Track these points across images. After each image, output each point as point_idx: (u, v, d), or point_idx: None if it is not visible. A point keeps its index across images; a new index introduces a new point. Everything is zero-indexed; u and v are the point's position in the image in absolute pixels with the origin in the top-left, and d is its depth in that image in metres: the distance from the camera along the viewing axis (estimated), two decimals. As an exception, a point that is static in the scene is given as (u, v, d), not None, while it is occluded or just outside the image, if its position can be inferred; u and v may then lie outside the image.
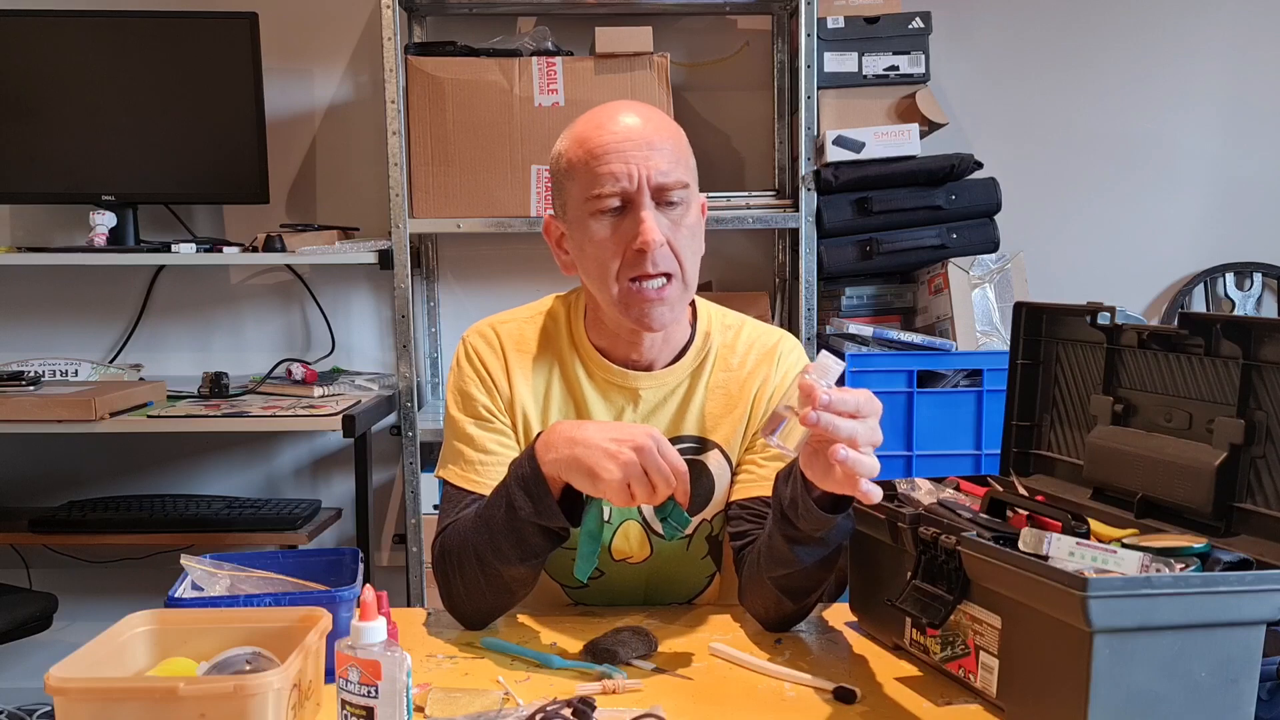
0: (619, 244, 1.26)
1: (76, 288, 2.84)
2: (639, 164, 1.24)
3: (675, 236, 1.27)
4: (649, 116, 1.29)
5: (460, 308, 2.89)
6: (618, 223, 1.26)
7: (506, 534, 1.22)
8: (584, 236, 1.29)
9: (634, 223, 1.25)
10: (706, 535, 1.40)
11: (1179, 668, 0.92)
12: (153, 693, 0.90)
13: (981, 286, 2.49)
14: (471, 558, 1.26)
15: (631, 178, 1.24)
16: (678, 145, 1.29)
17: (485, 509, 1.26)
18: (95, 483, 2.85)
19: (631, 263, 1.26)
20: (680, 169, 1.27)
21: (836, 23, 2.54)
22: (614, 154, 1.25)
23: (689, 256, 1.29)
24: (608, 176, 1.25)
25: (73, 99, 2.58)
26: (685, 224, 1.28)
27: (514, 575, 1.26)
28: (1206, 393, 1.12)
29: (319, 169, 2.85)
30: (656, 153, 1.25)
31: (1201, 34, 2.87)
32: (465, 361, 1.39)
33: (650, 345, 1.36)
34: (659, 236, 1.24)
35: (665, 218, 1.26)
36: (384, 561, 2.90)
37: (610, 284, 1.28)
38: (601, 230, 1.27)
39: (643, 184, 1.24)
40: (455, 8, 2.71)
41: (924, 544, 1.11)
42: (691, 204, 1.29)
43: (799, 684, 1.14)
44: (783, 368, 1.40)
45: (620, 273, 1.27)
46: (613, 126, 1.27)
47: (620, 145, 1.25)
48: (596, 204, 1.26)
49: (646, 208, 1.25)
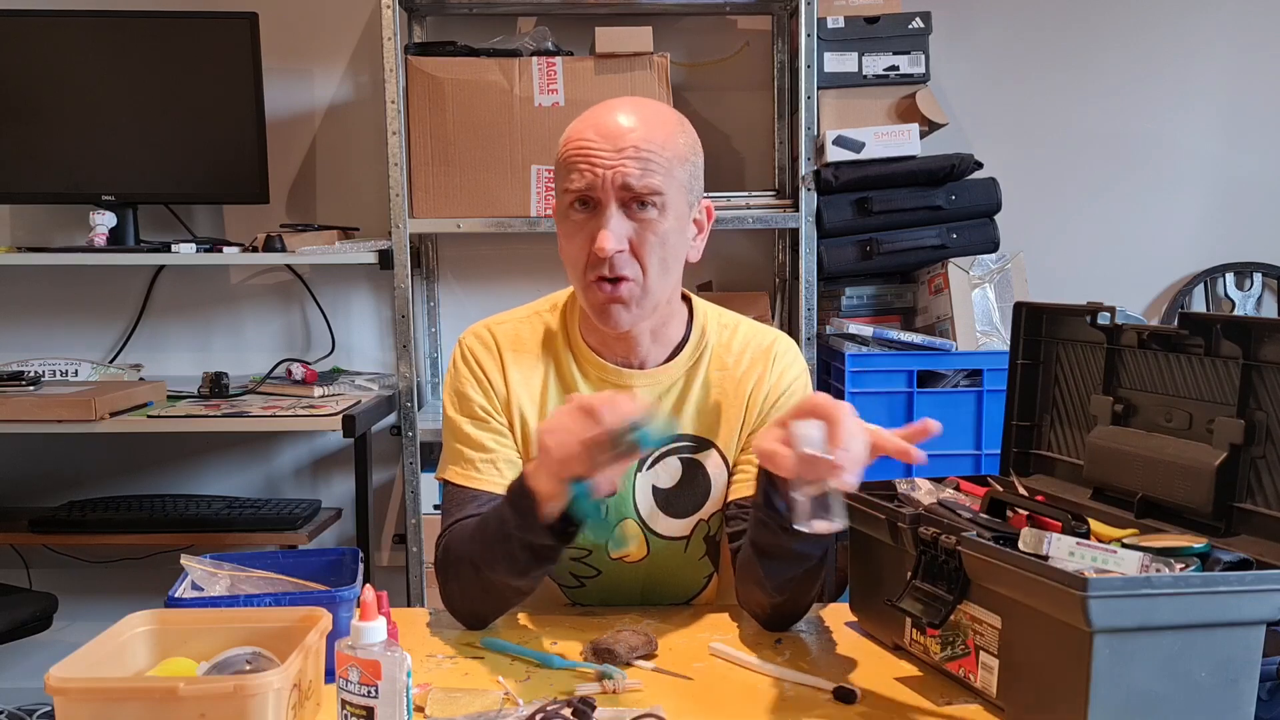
0: (584, 243, 1.27)
1: (76, 288, 2.84)
2: (605, 167, 1.24)
3: (640, 239, 1.26)
4: (642, 118, 1.27)
5: (460, 308, 2.89)
6: (585, 221, 1.27)
7: (497, 547, 1.22)
8: (560, 232, 1.31)
9: (595, 226, 1.25)
10: (704, 536, 1.40)
11: (1179, 668, 0.92)
12: (153, 693, 0.90)
13: (981, 286, 2.49)
14: (467, 564, 1.26)
15: (596, 179, 1.24)
16: (659, 152, 1.25)
17: (484, 518, 1.27)
18: (95, 483, 2.85)
19: (593, 264, 1.27)
20: (654, 176, 1.24)
21: (836, 23, 2.54)
22: (584, 155, 1.25)
23: (654, 263, 1.27)
24: (575, 176, 1.26)
25: (73, 99, 2.58)
26: (656, 230, 1.26)
27: (507, 585, 1.25)
28: (1206, 393, 1.12)
29: (319, 169, 2.85)
30: (627, 157, 1.23)
31: (1201, 34, 2.87)
32: (461, 363, 1.39)
33: (640, 344, 1.36)
34: (611, 245, 1.24)
35: (632, 221, 1.25)
36: (384, 561, 2.90)
37: (580, 281, 1.30)
38: (571, 228, 1.28)
39: (607, 187, 1.24)
40: (455, 8, 2.71)
41: (924, 544, 1.11)
42: (667, 210, 1.26)
43: (799, 684, 1.14)
44: (778, 368, 1.39)
45: (587, 271, 1.28)
46: (596, 126, 1.26)
47: (592, 146, 1.25)
48: (565, 199, 1.28)
49: (609, 212, 1.24)
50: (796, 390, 1.40)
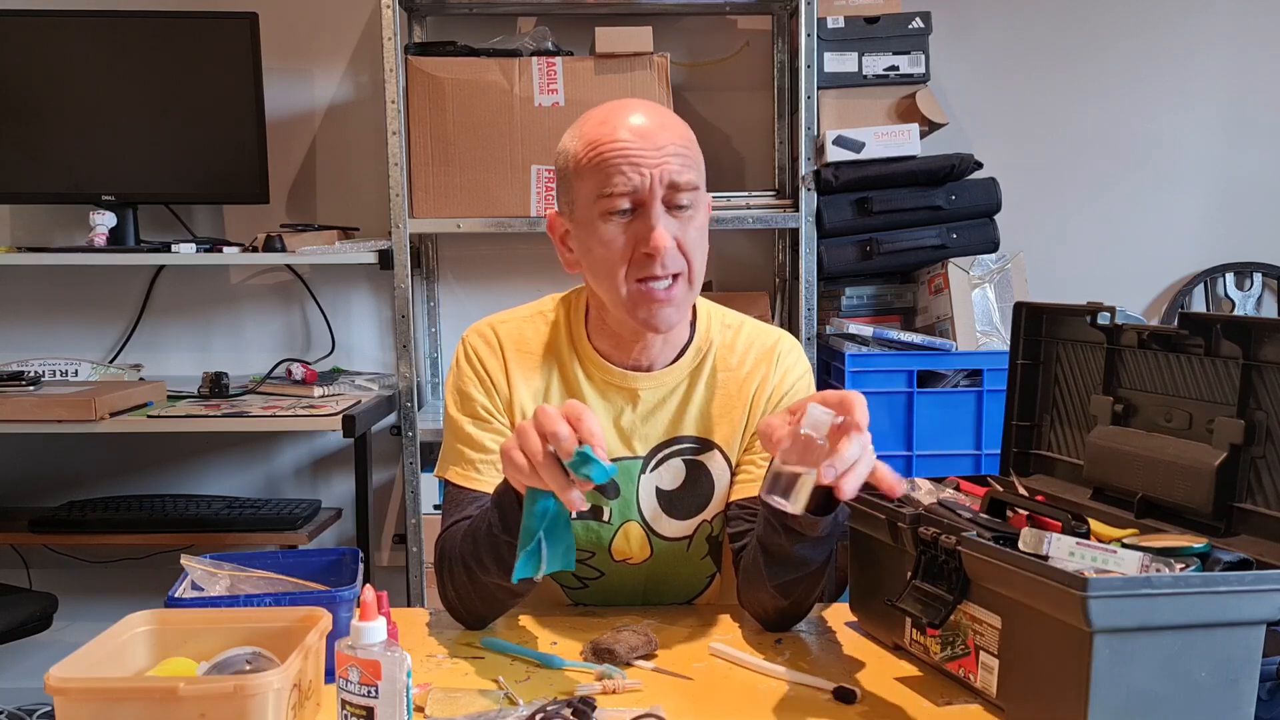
0: (628, 246, 1.26)
1: (76, 288, 2.84)
2: (650, 167, 1.24)
3: (684, 237, 1.27)
4: (660, 117, 1.28)
5: (460, 308, 2.89)
6: (627, 224, 1.26)
7: (487, 548, 1.22)
8: (592, 237, 1.28)
9: (645, 226, 1.24)
10: (706, 536, 1.40)
11: (1179, 668, 0.92)
12: (153, 693, 0.90)
13: (981, 286, 2.49)
14: (460, 566, 1.26)
15: (643, 181, 1.24)
16: (688, 146, 1.28)
17: (475, 520, 1.27)
18: (95, 483, 2.85)
19: (640, 264, 1.26)
20: (690, 171, 1.26)
21: (836, 23, 2.54)
22: (625, 156, 1.24)
23: (698, 257, 1.29)
24: (619, 179, 1.24)
25: (73, 99, 2.58)
26: (694, 225, 1.28)
27: (500, 587, 1.25)
28: (1206, 393, 1.12)
29: (319, 169, 2.85)
30: (668, 155, 1.25)
31: (1201, 34, 2.87)
32: (464, 361, 1.39)
33: (652, 346, 1.36)
34: (669, 243, 1.24)
35: (675, 219, 1.26)
36: (384, 561, 2.90)
37: (619, 285, 1.27)
38: (610, 231, 1.26)
39: (655, 186, 1.24)
40: (455, 8, 2.71)
41: (924, 544, 1.11)
42: (700, 205, 1.29)
43: (799, 684, 1.14)
44: (781, 367, 1.40)
45: (629, 274, 1.26)
46: (625, 127, 1.26)
47: (632, 147, 1.24)
48: (607, 204, 1.25)
49: (657, 211, 1.24)
50: (800, 389, 1.40)
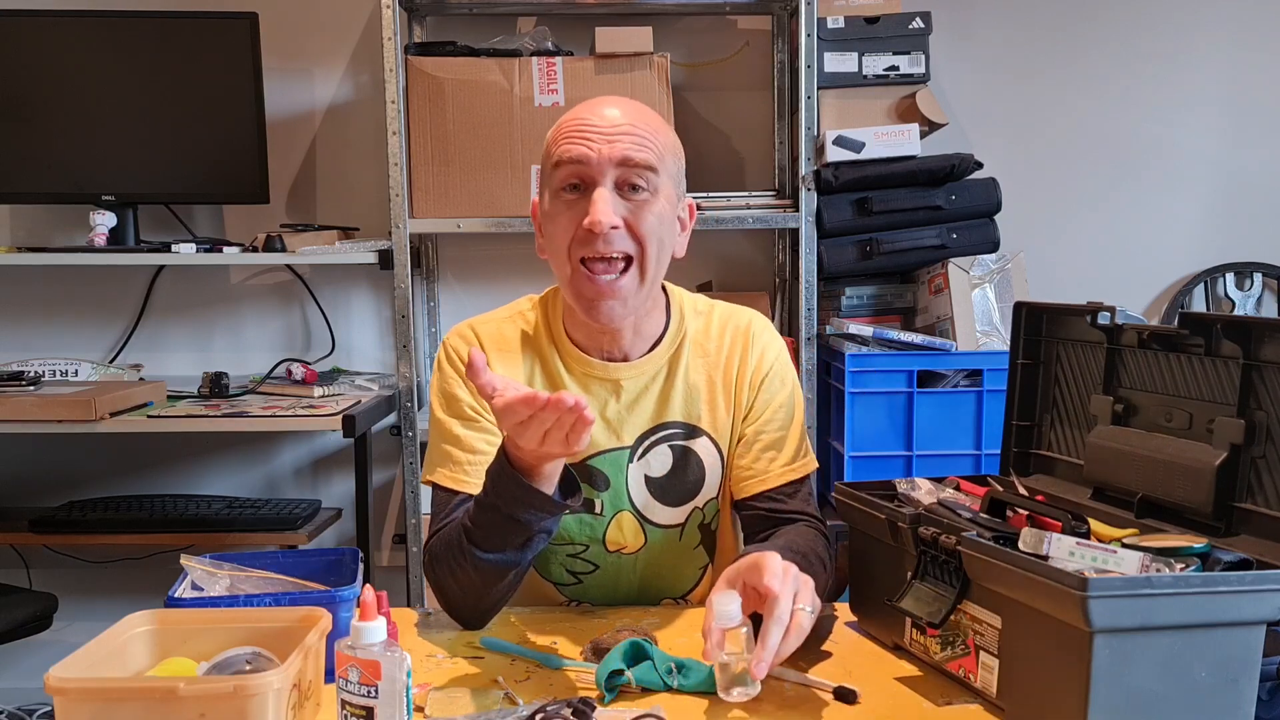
0: (573, 221, 1.27)
1: (76, 288, 2.84)
2: (601, 142, 1.26)
3: (636, 220, 1.27)
4: (630, 106, 1.31)
5: (460, 308, 2.89)
6: (575, 201, 1.28)
7: (480, 521, 1.21)
8: (547, 215, 1.31)
9: (589, 201, 1.26)
10: (699, 524, 1.41)
11: (1179, 668, 0.92)
12: (153, 693, 0.90)
13: (981, 286, 2.49)
14: (456, 549, 1.24)
15: (590, 153, 1.25)
16: (652, 132, 1.29)
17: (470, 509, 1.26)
18: (95, 483, 2.85)
19: (583, 240, 1.26)
20: (645, 152, 1.27)
21: (836, 23, 2.54)
22: (579, 130, 1.27)
23: (652, 244, 1.28)
24: (567, 146, 1.26)
25: (73, 99, 2.58)
26: (651, 210, 1.28)
27: (495, 562, 1.22)
28: (1206, 393, 1.12)
29: (319, 169, 2.85)
30: (622, 133, 1.26)
31: (1202, 35, 2.87)
32: (447, 363, 1.40)
33: (623, 337, 1.36)
34: (609, 217, 1.24)
35: (627, 201, 1.27)
36: (384, 561, 2.90)
37: (564, 262, 1.29)
38: (560, 208, 1.28)
39: (603, 162, 1.25)
40: (455, 8, 2.71)
41: (924, 544, 1.11)
42: (660, 192, 1.29)
43: (799, 684, 1.14)
44: (758, 347, 1.42)
45: (573, 250, 1.27)
46: (592, 110, 1.29)
47: (588, 124, 1.27)
48: (558, 178, 1.28)
49: (603, 187, 1.25)
50: (778, 370, 1.42)
